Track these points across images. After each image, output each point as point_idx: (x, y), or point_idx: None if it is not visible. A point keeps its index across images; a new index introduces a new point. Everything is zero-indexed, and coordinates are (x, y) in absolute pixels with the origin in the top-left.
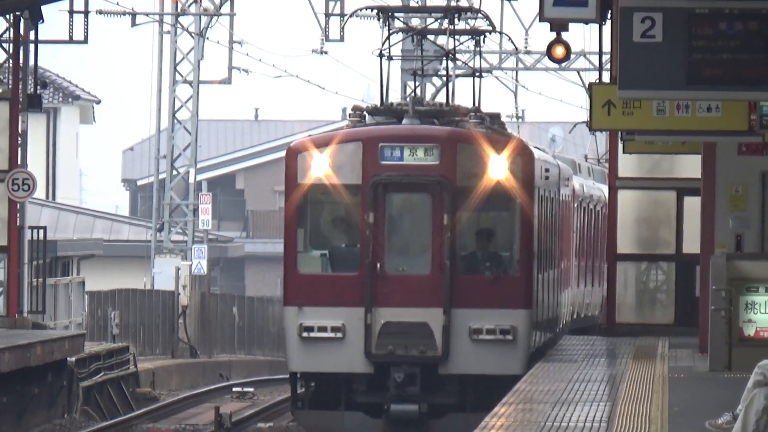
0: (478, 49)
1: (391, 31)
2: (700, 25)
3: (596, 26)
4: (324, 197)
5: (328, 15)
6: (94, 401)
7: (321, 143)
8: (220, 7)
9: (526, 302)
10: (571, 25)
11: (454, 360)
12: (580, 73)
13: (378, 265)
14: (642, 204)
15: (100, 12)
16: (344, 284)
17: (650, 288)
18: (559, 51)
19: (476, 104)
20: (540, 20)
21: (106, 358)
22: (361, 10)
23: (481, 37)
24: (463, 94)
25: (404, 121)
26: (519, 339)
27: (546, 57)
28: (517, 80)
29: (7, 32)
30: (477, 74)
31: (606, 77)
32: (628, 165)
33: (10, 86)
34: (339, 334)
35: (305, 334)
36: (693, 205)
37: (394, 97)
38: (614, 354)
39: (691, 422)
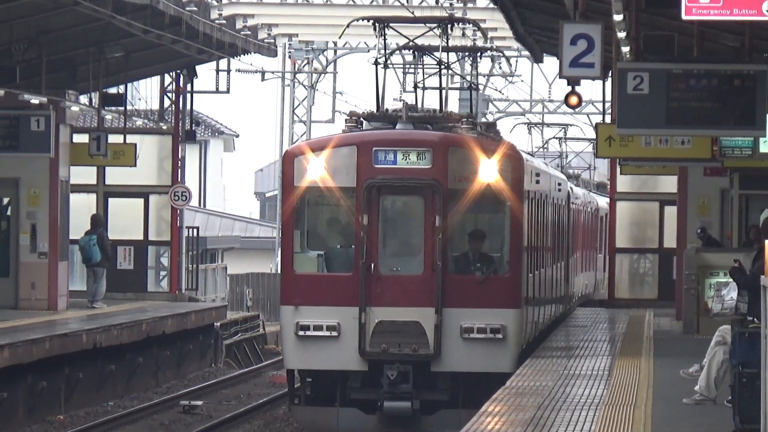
0: (475, 65)
1: (396, 46)
2: (675, 82)
3: (600, 82)
4: (320, 200)
5: (405, 73)
6: (233, 355)
7: (317, 147)
8: (326, 67)
9: (515, 302)
10: (582, 81)
11: (445, 358)
12: (589, 116)
13: (372, 265)
14: (634, 211)
15: (239, 70)
16: (339, 284)
17: (640, 273)
18: (574, 100)
19: (472, 113)
20: (560, 77)
21: (242, 323)
22: (357, 20)
23: (478, 54)
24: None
25: (398, 126)
26: (509, 337)
27: (564, 104)
28: (543, 121)
29: (171, 85)
30: (474, 87)
31: (608, 119)
32: (624, 183)
33: (172, 124)
34: (334, 333)
35: (301, 333)
36: (671, 212)
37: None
38: (614, 321)
39: (670, 371)
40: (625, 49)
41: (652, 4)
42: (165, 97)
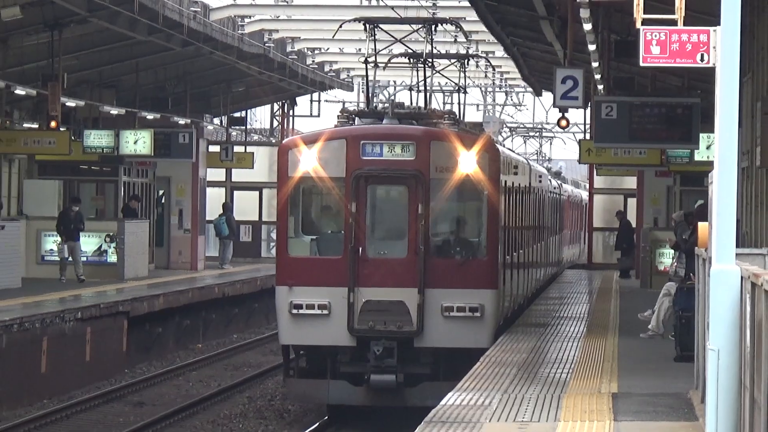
0: (463, 69)
1: (384, 48)
2: (636, 110)
3: (582, 110)
4: (312, 189)
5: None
6: None
7: (309, 140)
8: (388, 99)
9: (492, 283)
10: (569, 109)
11: (427, 334)
12: (575, 134)
13: (360, 249)
14: (605, 202)
15: (326, 101)
16: (330, 266)
17: (610, 245)
18: (564, 122)
19: (461, 114)
20: (553, 106)
21: None
22: (349, 21)
23: (465, 60)
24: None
25: (384, 121)
26: (486, 315)
27: (557, 125)
28: (541, 137)
29: (278, 111)
30: (463, 90)
31: (588, 136)
32: (599, 181)
33: (279, 139)
34: (325, 311)
35: (295, 311)
36: (632, 202)
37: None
38: (591, 279)
39: (630, 314)
40: (600, 87)
41: (618, 55)
42: (274, 119)
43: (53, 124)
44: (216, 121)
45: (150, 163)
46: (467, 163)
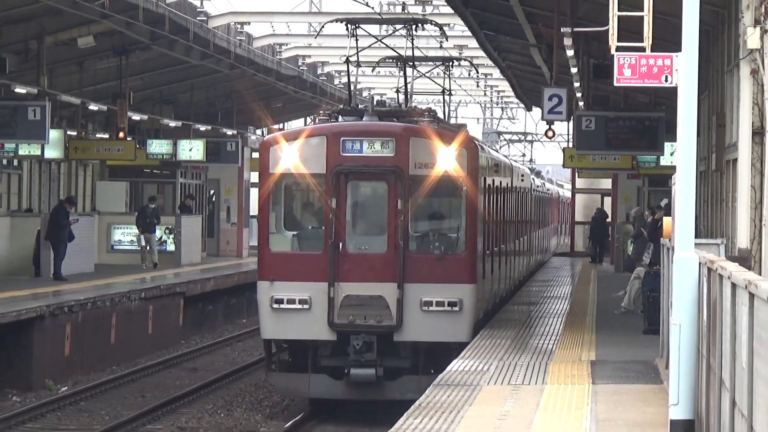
0: (448, 72)
1: (367, 47)
2: (611, 122)
3: (566, 122)
4: (293, 185)
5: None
6: None
7: (290, 137)
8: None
9: (470, 278)
10: (555, 122)
11: (407, 329)
12: (559, 143)
13: (340, 244)
14: (585, 200)
15: None
16: (310, 262)
17: (589, 236)
18: (550, 133)
19: (446, 117)
20: (542, 119)
21: None
22: (331, 22)
23: (450, 63)
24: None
25: (364, 118)
26: (465, 310)
27: (544, 135)
28: (526, 141)
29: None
30: (447, 93)
31: (571, 145)
32: (579, 183)
33: None
34: (306, 306)
35: (276, 306)
36: (608, 200)
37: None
38: (573, 265)
39: (606, 294)
40: (581, 103)
41: (597, 76)
42: None
43: (121, 134)
44: (258, 132)
45: (203, 168)
46: (446, 159)
